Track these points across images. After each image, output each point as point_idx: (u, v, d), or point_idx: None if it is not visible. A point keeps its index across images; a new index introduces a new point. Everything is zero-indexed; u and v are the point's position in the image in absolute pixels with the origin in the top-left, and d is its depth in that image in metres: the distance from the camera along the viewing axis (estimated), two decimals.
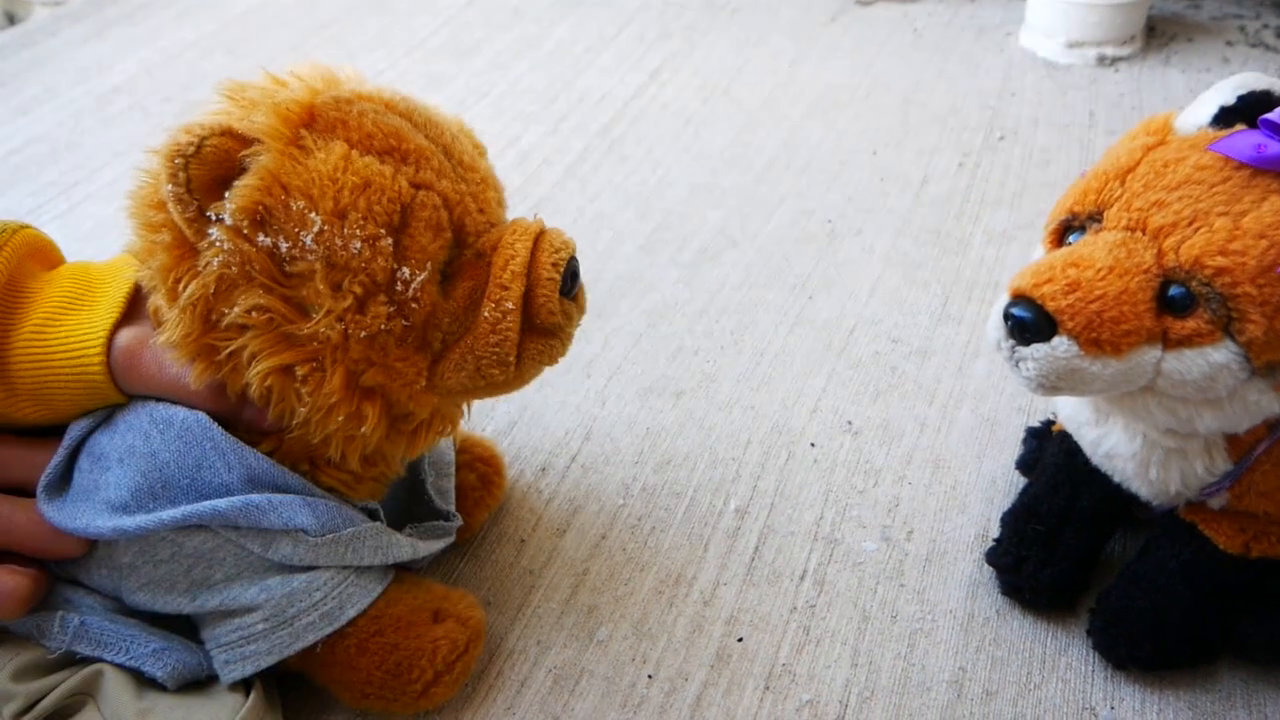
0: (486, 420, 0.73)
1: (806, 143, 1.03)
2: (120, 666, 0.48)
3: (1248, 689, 0.55)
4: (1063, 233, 0.49)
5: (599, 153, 1.03)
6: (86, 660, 0.48)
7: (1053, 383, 0.46)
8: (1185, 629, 0.54)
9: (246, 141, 0.40)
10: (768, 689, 0.56)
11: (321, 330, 0.41)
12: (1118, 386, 0.46)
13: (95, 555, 0.48)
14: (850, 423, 0.72)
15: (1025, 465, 0.66)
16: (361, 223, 0.40)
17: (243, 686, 0.50)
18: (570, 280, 0.47)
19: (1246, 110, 0.45)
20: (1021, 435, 0.68)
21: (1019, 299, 0.45)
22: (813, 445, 0.70)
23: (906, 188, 0.96)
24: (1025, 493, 0.61)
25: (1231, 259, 0.42)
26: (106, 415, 0.48)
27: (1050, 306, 0.44)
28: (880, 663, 0.57)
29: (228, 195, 0.40)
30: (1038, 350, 0.45)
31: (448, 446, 0.61)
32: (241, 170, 0.40)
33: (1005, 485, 0.67)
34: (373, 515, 0.53)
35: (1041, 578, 0.57)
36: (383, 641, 0.50)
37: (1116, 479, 0.55)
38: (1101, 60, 1.15)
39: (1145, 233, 0.44)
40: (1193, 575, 0.54)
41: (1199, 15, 1.26)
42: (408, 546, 0.53)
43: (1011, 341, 0.46)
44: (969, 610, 0.60)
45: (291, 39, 1.27)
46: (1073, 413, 0.56)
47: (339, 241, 0.40)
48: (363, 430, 0.44)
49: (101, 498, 0.46)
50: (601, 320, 0.82)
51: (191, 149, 0.39)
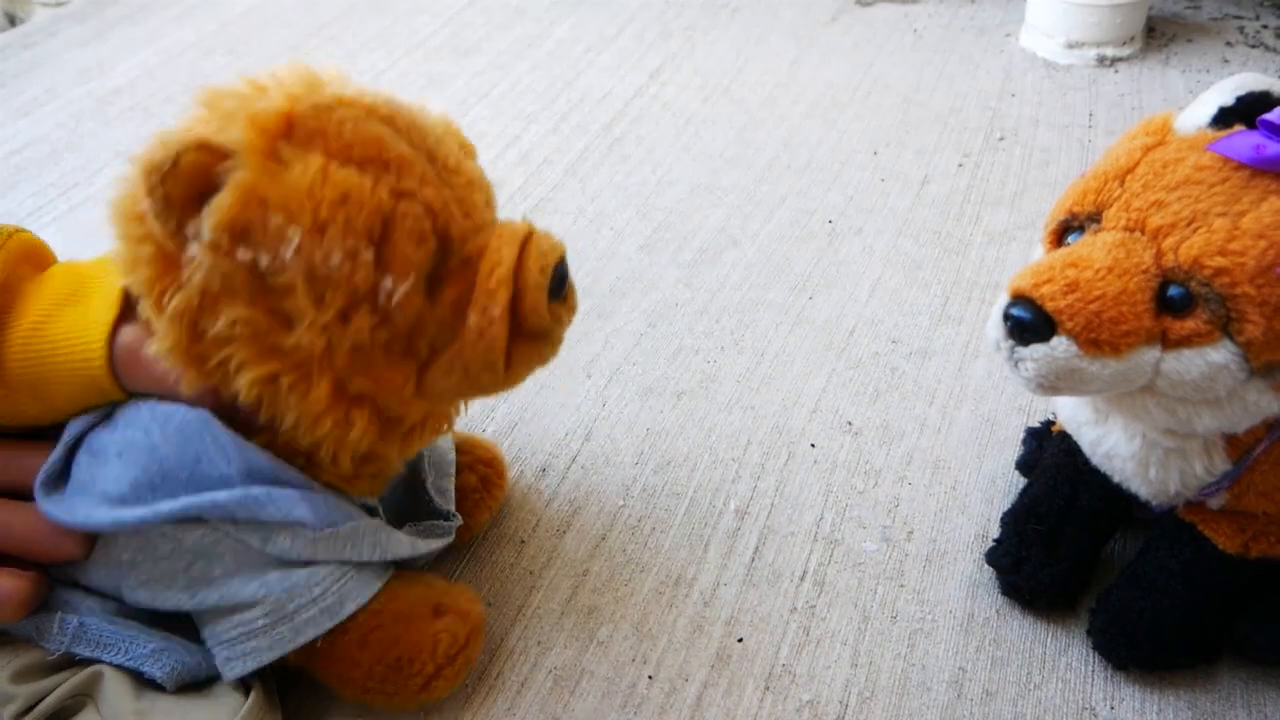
0: (487, 420, 0.73)
1: (807, 143, 1.03)
2: (119, 667, 0.48)
3: (1248, 689, 0.55)
4: (1062, 233, 0.49)
5: (599, 152, 1.03)
6: (86, 661, 0.48)
7: (1052, 383, 0.46)
8: (1185, 629, 0.54)
9: (223, 155, 0.40)
10: (768, 689, 0.56)
11: (305, 341, 0.41)
12: (1117, 387, 0.46)
13: (95, 554, 0.48)
14: (850, 423, 0.72)
15: (1025, 465, 0.66)
16: (341, 236, 0.40)
17: (242, 687, 0.50)
18: (559, 283, 0.46)
19: (1246, 111, 0.45)
20: (1021, 435, 0.68)
21: (1018, 299, 0.45)
22: (813, 446, 0.70)
23: (907, 188, 0.96)
24: (1025, 493, 0.61)
25: (1230, 259, 0.42)
26: (106, 413, 0.48)
27: (1049, 307, 0.44)
28: (880, 663, 0.57)
29: (205, 212, 0.39)
30: (1037, 350, 0.45)
31: (448, 447, 0.61)
32: (219, 185, 0.39)
33: (1005, 485, 0.67)
34: (371, 513, 0.53)
35: (1041, 578, 0.57)
36: (383, 635, 0.50)
37: (1116, 479, 0.55)
38: (1101, 60, 1.15)
39: (1144, 233, 0.45)
40: (1193, 575, 0.54)
41: (1199, 15, 1.26)
42: (406, 544, 0.53)
43: (1011, 342, 0.46)
44: (969, 610, 0.60)
45: (291, 39, 1.27)
46: (1072, 413, 0.56)
47: (319, 255, 0.40)
48: (352, 437, 0.44)
49: (99, 491, 0.46)
50: (601, 320, 0.82)
51: (168, 165, 0.38)
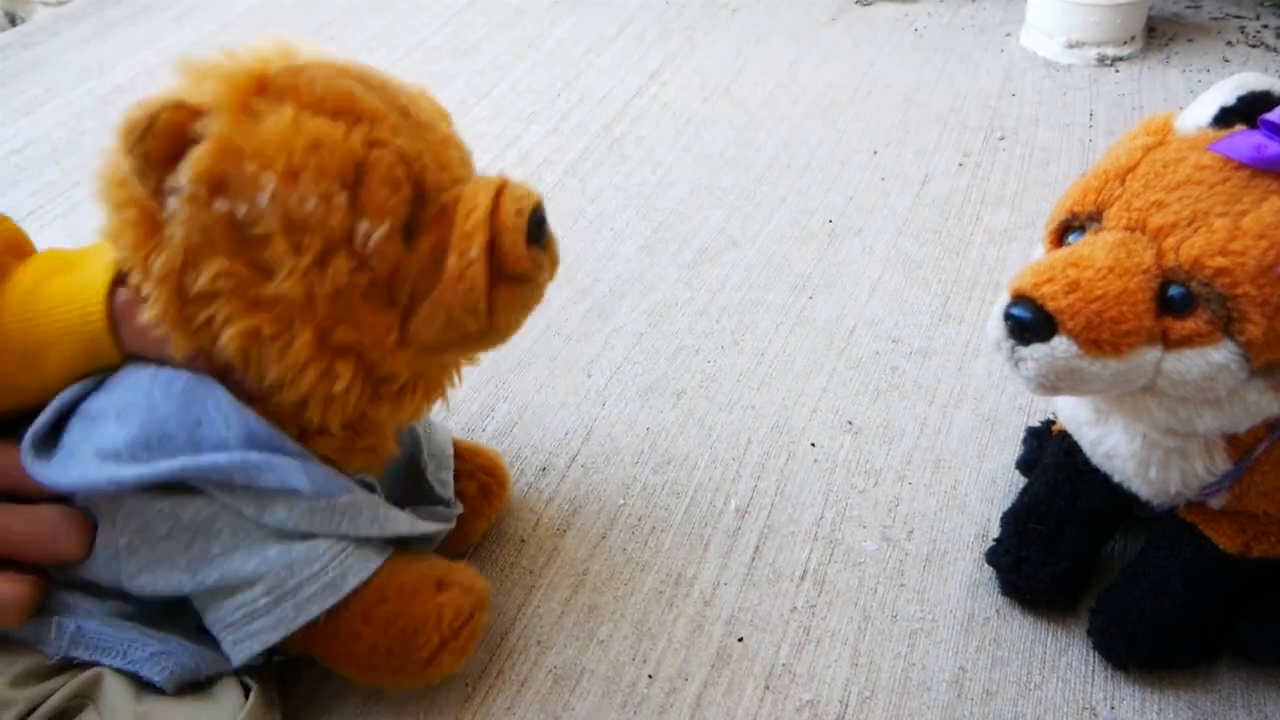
0: (487, 420, 0.73)
1: (807, 142, 1.03)
2: (119, 670, 0.48)
3: (1248, 689, 0.55)
4: (1063, 233, 0.49)
5: (599, 152, 1.03)
6: (85, 664, 0.48)
7: (1052, 383, 0.46)
8: (1185, 629, 0.54)
9: (199, 113, 0.41)
10: (768, 689, 0.56)
11: (285, 289, 0.42)
12: (1117, 387, 0.46)
13: (96, 544, 0.47)
14: (850, 422, 0.72)
15: (1025, 465, 0.66)
16: (314, 180, 0.41)
17: (242, 688, 0.49)
18: (537, 228, 0.46)
19: (1246, 110, 0.45)
20: (1021, 435, 0.68)
21: (1019, 299, 0.45)
22: (813, 445, 0.70)
23: (907, 187, 0.96)
24: (1025, 493, 0.61)
25: (1231, 259, 0.42)
26: (98, 382, 0.47)
27: (1050, 306, 0.44)
28: (880, 663, 0.57)
29: (182, 164, 0.40)
30: (1037, 350, 0.45)
31: (446, 440, 0.61)
32: (196, 140, 0.41)
33: (1005, 485, 0.67)
34: (369, 488, 0.52)
35: (1042, 578, 0.57)
36: (387, 609, 0.50)
37: (1116, 479, 0.55)
38: (1101, 60, 1.15)
39: (1145, 233, 0.45)
40: (1193, 575, 0.54)
41: (1199, 15, 1.26)
42: (405, 521, 0.52)
43: (1011, 341, 0.46)
44: (969, 610, 0.60)
45: (291, 39, 1.27)
46: (1073, 413, 0.56)
47: (294, 200, 0.41)
48: (337, 389, 0.44)
49: (94, 448, 0.45)
50: (602, 320, 0.82)
51: (145, 123, 0.39)
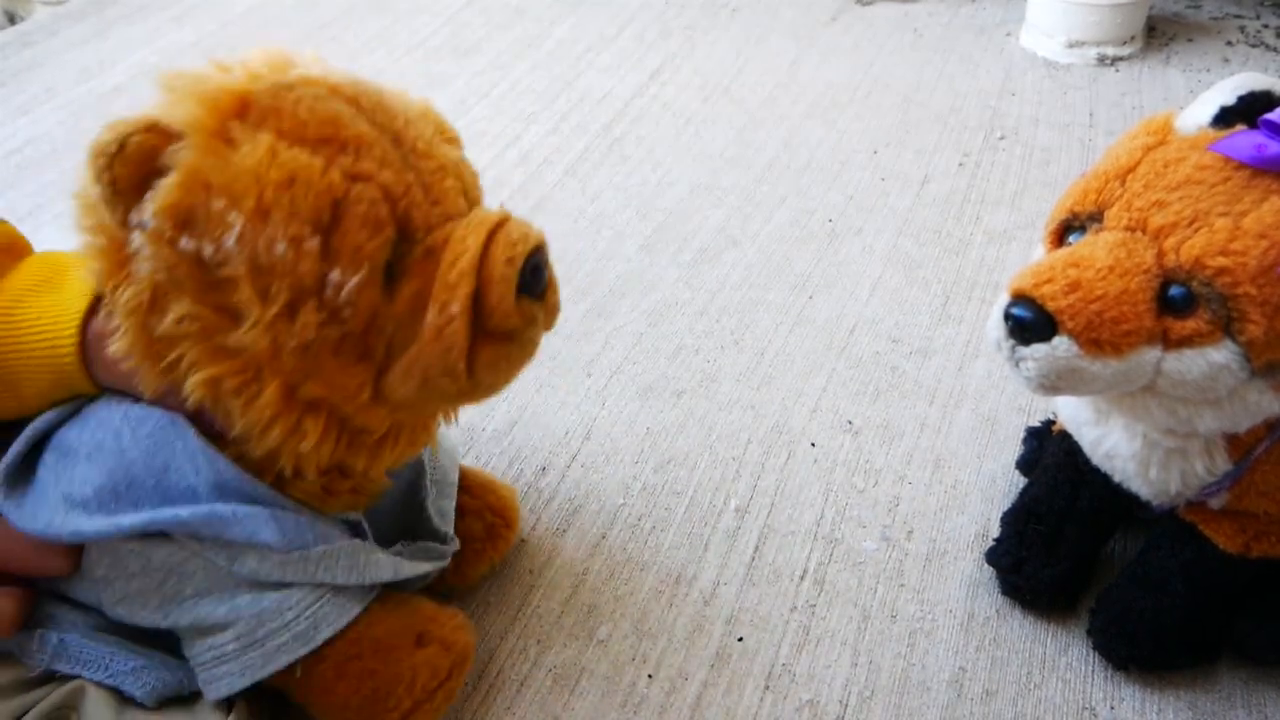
0: (487, 420, 0.73)
1: (807, 142, 1.03)
2: (101, 683, 0.47)
3: (1248, 689, 0.55)
4: (1063, 233, 0.49)
5: (599, 152, 1.03)
6: (68, 677, 0.47)
7: (1053, 383, 0.46)
8: (1185, 629, 0.54)
9: (172, 136, 0.37)
10: (768, 689, 0.56)
11: (250, 340, 0.38)
12: (1118, 386, 0.46)
13: (77, 569, 0.47)
14: (850, 422, 0.72)
15: (1025, 465, 0.66)
16: (285, 222, 0.37)
17: (225, 703, 0.49)
18: (532, 277, 0.42)
19: (1246, 110, 0.45)
20: (1021, 435, 0.68)
21: (1019, 299, 0.45)
22: (813, 445, 0.70)
23: (907, 187, 0.96)
24: (1025, 493, 0.61)
25: (1232, 259, 0.42)
26: (74, 409, 0.46)
27: (1050, 306, 0.44)
28: (880, 662, 0.57)
29: (148, 196, 0.37)
30: (1038, 350, 0.45)
31: (452, 466, 0.59)
32: (167, 168, 0.37)
33: (1005, 485, 0.67)
34: (355, 528, 0.50)
35: (1042, 578, 0.57)
36: (360, 667, 0.48)
37: (1117, 479, 0.55)
38: (1101, 60, 1.15)
39: (1145, 233, 0.44)
40: (1193, 575, 0.54)
41: (1199, 15, 1.26)
42: (388, 566, 0.50)
43: (1012, 341, 0.46)
44: (969, 610, 0.60)
45: (291, 39, 1.27)
46: (1073, 413, 0.56)
47: (262, 242, 0.37)
48: (304, 447, 0.41)
49: (63, 492, 0.44)
50: (601, 320, 0.82)
51: (114, 147, 0.36)
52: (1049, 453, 0.62)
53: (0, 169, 1.03)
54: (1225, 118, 0.46)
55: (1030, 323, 0.44)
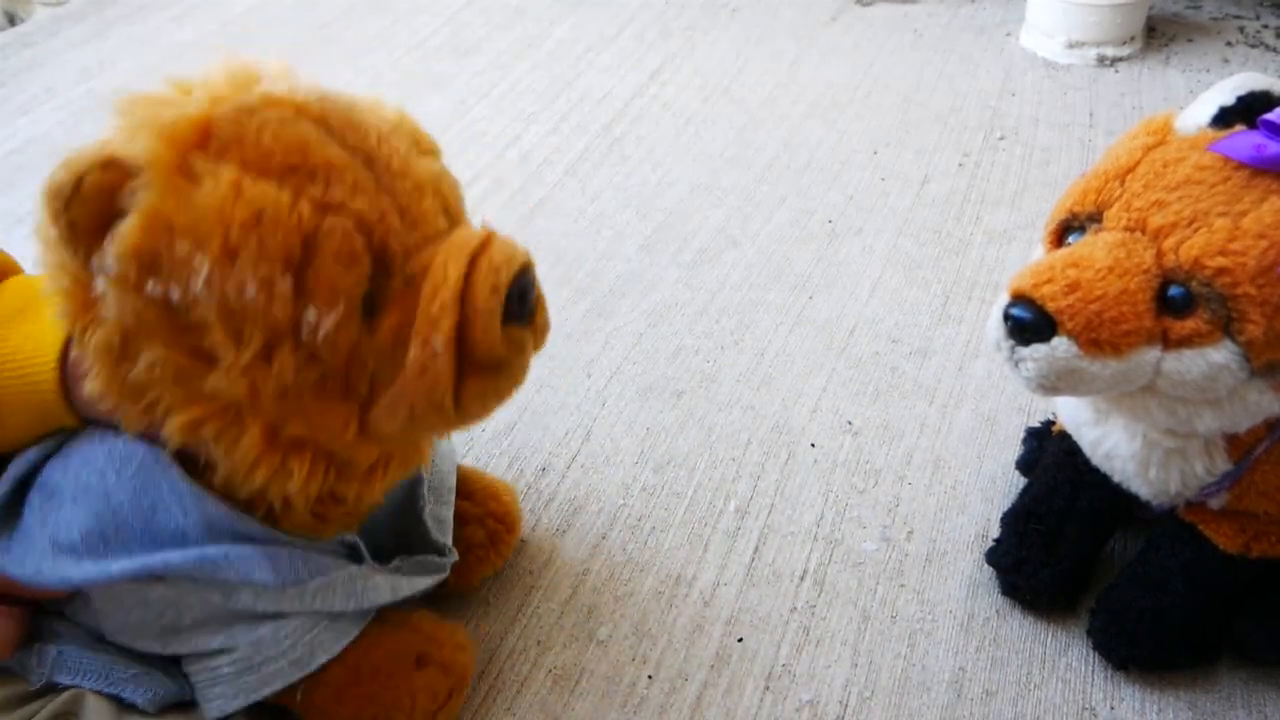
0: (486, 420, 0.73)
1: (807, 142, 1.03)
2: (100, 693, 0.47)
3: (1248, 689, 0.55)
4: (1063, 233, 0.49)
5: (599, 152, 1.03)
6: (68, 688, 0.47)
7: (1053, 383, 0.45)
8: (1185, 629, 0.54)
9: (130, 173, 0.35)
10: (768, 689, 0.56)
11: (225, 385, 0.37)
12: (1118, 386, 0.46)
13: (77, 599, 0.47)
14: (850, 423, 0.72)
15: (1025, 465, 0.66)
16: (254, 263, 0.35)
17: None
18: (518, 302, 0.40)
19: (1246, 110, 0.45)
20: (1021, 435, 0.68)
21: (1019, 299, 0.45)
22: (813, 445, 0.70)
23: (907, 187, 0.96)
24: (1025, 493, 0.61)
25: (1231, 259, 0.42)
26: (57, 445, 0.45)
27: (1050, 307, 0.44)
28: (880, 663, 0.57)
29: (108, 240, 0.35)
30: (1037, 350, 0.45)
31: (449, 470, 0.58)
32: (126, 208, 0.35)
33: (1005, 485, 0.67)
34: (352, 549, 0.49)
35: (1041, 578, 0.57)
36: (360, 692, 0.48)
37: (1116, 479, 0.55)
38: (1101, 60, 1.15)
39: (1145, 233, 0.44)
40: (1193, 575, 0.54)
41: (1199, 15, 1.26)
42: (386, 588, 0.50)
43: (1011, 341, 0.46)
44: (969, 610, 0.60)
45: (291, 39, 1.27)
46: (1073, 413, 0.56)
47: (231, 286, 0.35)
48: (291, 488, 0.40)
49: (50, 538, 0.43)
50: (601, 320, 0.82)
51: (69, 188, 0.34)
52: (1049, 453, 0.62)
53: (0, 169, 1.03)
54: (1225, 118, 0.46)
55: (1030, 323, 0.44)
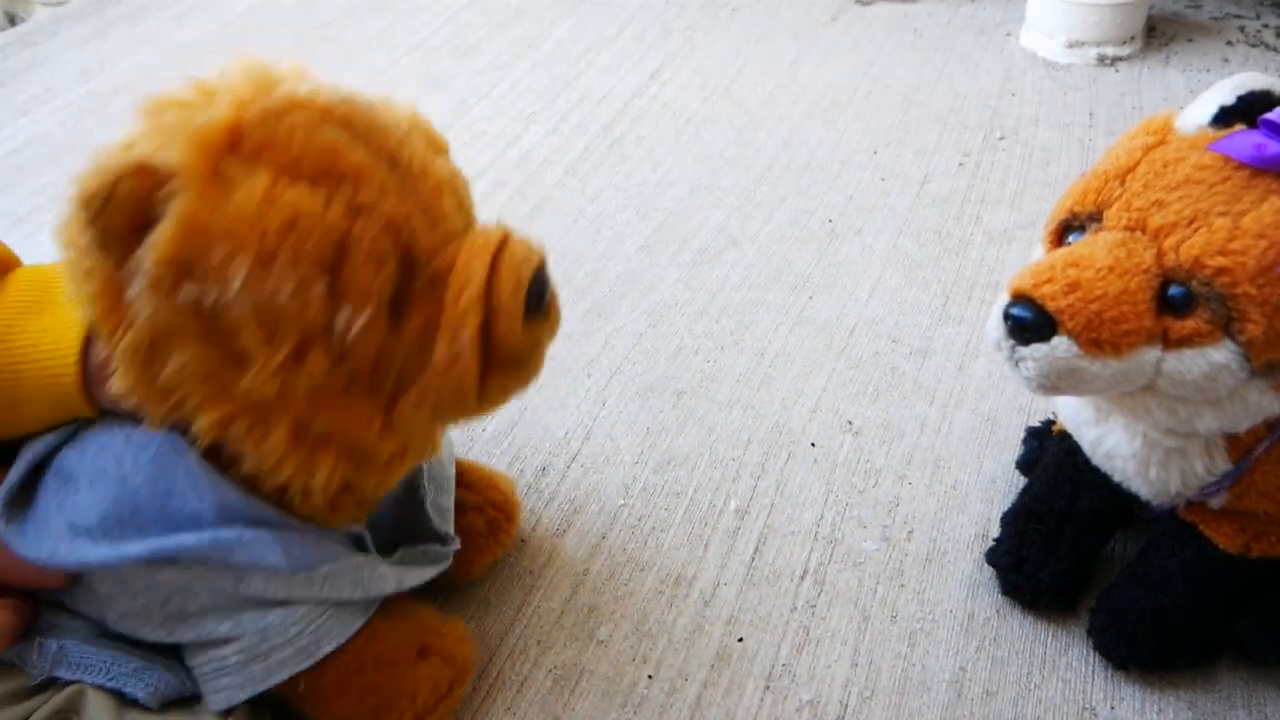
0: (487, 420, 0.73)
1: (807, 142, 1.03)
2: (101, 687, 0.47)
3: (1248, 689, 0.55)
4: (1063, 232, 0.49)
5: (599, 152, 1.03)
6: (69, 683, 0.47)
7: (1053, 383, 0.45)
8: (1185, 629, 0.54)
9: (163, 179, 0.36)
10: (768, 689, 0.56)
11: (257, 385, 0.38)
12: (1118, 386, 0.46)
13: (78, 582, 0.47)
14: (850, 423, 0.72)
15: (1025, 465, 0.66)
16: (290, 266, 0.36)
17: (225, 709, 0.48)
18: (536, 298, 0.41)
19: (1246, 110, 0.45)
20: (1021, 435, 0.68)
21: (1019, 299, 0.45)
22: (813, 445, 0.70)
23: (907, 187, 0.96)
24: (1025, 493, 0.61)
25: (1231, 259, 0.42)
26: (72, 432, 0.45)
27: (1050, 306, 0.44)
28: (880, 662, 0.57)
29: (144, 247, 0.36)
30: (1037, 350, 0.45)
31: (449, 460, 0.59)
32: (160, 213, 0.36)
33: (1005, 485, 0.67)
34: (358, 541, 0.50)
35: (1042, 578, 0.57)
36: (363, 681, 0.48)
37: (1117, 479, 0.55)
38: (1101, 60, 1.15)
39: (1145, 232, 0.44)
40: (1193, 575, 0.54)
41: (1199, 15, 1.26)
42: (391, 578, 0.50)
43: (1011, 341, 0.46)
44: (969, 610, 0.60)
45: (291, 39, 1.27)
46: (1073, 413, 0.56)
47: (267, 289, 0.36)
48: (316, 481, 0.41)
49: (66, 520, 0.44)
50: (601, 320, 0.82)
51: (104, 195, 0.35)
52: (1049, 453, 0.62)
53: (0, 170, 1.03)
54: (1225, 118, 0.46)
55: (1030, 323, 0.44)
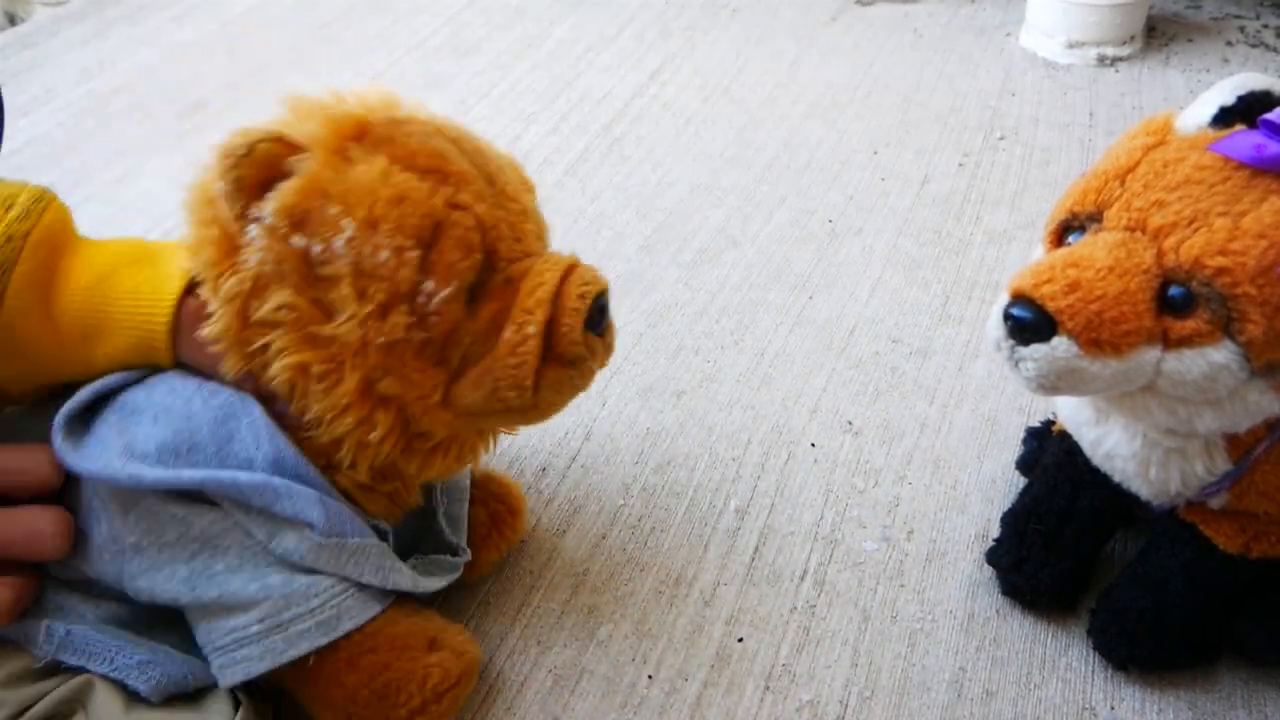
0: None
1: (807, 142, 1.03)
2: (109, 679, 0.47)
3: (1248, 689, 0.55)
4: (1063, 233, 0.49)
5: (599, 152, 1.03)
6: (75, 669, 0.47)
7: (1053, 383, 0.46)
8: (1185, 629, 0.54)
9: (296, 148, 0.42)
10: (768, 689, 0.56)
11: (343, 332, 0.43)
12: (1118, 386, 0.46)
13: (100, 542, 0.47)
14: (850, 423, 0.72)
15: (1025, 465, 0.66)
16: (392, 233, 0.42)
17: (232, 700, 0.49)
18: (598, 315, 0.47)
19: (1246, 110, 0.45)
20: (1021, 435, 0.68)
21: (1019, 299, 0.45)
22: (813, 445, 0.70)
23: (907, 187, 0.96)
24: (1025, 493, 0.61)
25: (1231, 259, 0.42)
26: (140, 376, 0.48)
27: (1050, 306, 0.44)
28: (880, 663, 0.57)
29: (269, 195, 0.42)
30: (1037, 350, 0.45)
31: (463, 473, 0.60)
32: (288, 174, 0.42)
33: (1005, 485, 0.67)
34: (381, 536, 0.52)
35: (1042, 578, 0.57)
36: (374, 660, 0.49)
37: (1116, 479, 0.55)
38: (1101, 60, 1.15)
39: (1145, 233, 0.44)
40: (1193, 575, 0.54)
41: (1199, 15, 1.26)
42: (408, 577, 0.52)
43: (1011, 341, 0.46)
44: (969, 610, 0.60)
45: (291, 39, 1.27)
46: (1073, 413, 0.56)
47: (368, 248, 0.42)
48: (373, 437, 0.45)
49: (125, 445, 0.46)
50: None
51: (244, 150, 0.41)
52: (1049, 453, 0.62)
53: (0, 169, 1.03)
54: (1225, 118, 0.46)
55: (1030, 323, 0.44)
